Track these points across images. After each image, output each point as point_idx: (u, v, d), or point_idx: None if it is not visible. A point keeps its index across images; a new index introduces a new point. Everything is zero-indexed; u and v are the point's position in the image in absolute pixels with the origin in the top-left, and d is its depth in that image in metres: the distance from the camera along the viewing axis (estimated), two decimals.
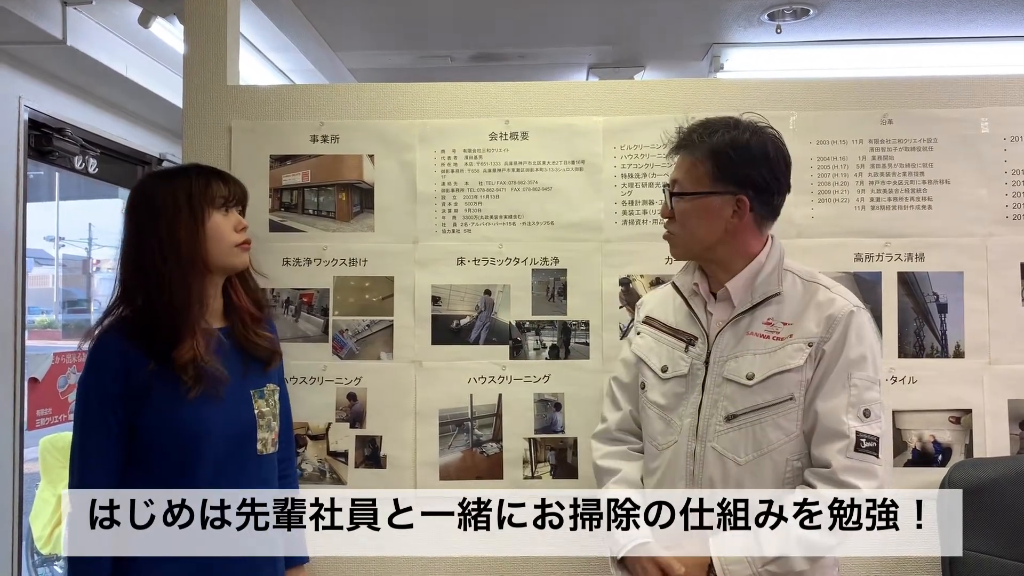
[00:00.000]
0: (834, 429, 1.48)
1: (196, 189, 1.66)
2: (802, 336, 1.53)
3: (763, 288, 1.57)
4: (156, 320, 1.60)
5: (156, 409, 1.58)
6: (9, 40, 2.70)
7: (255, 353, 1.74)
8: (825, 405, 1.50)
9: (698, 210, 1.57)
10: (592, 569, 2.08)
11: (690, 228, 1.59)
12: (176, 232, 1.62)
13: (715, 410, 1.57)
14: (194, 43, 2.17)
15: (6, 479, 2.84)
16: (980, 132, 2.09)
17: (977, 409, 2.05)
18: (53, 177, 5.54)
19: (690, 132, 1.59)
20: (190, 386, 1.57)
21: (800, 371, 1.52)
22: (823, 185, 2.10)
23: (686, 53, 3.60)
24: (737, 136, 1.54)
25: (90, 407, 1.60)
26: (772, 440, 1.52)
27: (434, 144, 2.15)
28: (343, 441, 2.11)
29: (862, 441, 1.47)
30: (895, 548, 2.03)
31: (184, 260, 1.62)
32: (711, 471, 1.56)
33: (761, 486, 1.52)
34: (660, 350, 1.68)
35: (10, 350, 2.85)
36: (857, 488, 1.45)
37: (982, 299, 2.07)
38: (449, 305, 2.13)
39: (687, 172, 1.58)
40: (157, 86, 3.28)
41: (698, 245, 1.60)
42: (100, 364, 1.60)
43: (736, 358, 1.56)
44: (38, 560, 4.32)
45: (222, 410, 1.63)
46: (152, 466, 1.60)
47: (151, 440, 1.60)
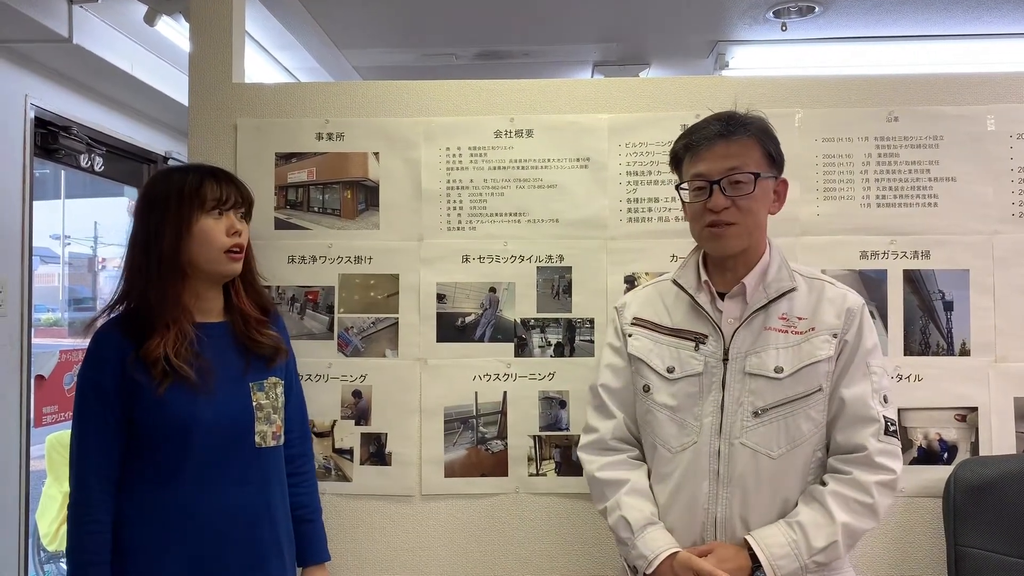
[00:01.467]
0: (864, 415, 1.54)
1: (188, 189, 1.66)
2: (825, 328, 1.57)
3: (776, 284, 1.59)
4: (136, 316, 1.64)
5: (144, 401, 1.61)
6: (15, 38, 2.71)
7: (257, 350, 1.74)
8: (851, 392, 1.55)
9: (763, 193, 1.57)
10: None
11: (753, 214, 1.55)
12: (161, 230, 1.64)
13: (739, 406, 1.56)
14: (200, 41, 2.18)
15: (13, 476, 2.86)
16: (986, 129, 2.09)
17: (983, 407, 2.05)
18: (59, 175, 5.55)
19: (734, 116, 1.57)
20: (158, 381, 1.59)
21: (829, 362, 1.56)
22: (828, 183, 2.10)
23: (691, 51, 3.60)
24: (765, 123, 1.59)
25: (87, 401, 1.63)
26: (804, 432, 1.55)
27: (439, 142, 2.15)
28: (348, 438, 2.11)
29: (889, 424, 1.54)
30: (901, 545, 2.04)
31: (163, 259, 1.64)
32: (741, 468, 1.55)
33: (792, 478, 1.55)
34: (661, 351, 1.65)
35: (17, 348, 2.86)
36: (892, 471, 1.51)
37: (988, 297, 2.06)
38: (454, 303, 2.13)
39: (746, 155, 1.54)
40: (163, 84, 3.28)
41: (756, 232, 1.59)
42: (96, 358, 1.64)
43: (757, 353, 1.56)
44: (44, 557, 4.34)
45: (212, 402, 1.64)
46: (145, 458, 1.63)
47: (142, 432, 1.62)
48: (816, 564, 1.49)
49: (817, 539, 1.48)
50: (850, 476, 1.52)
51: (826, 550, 1.48)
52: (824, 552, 1.48)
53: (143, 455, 1.63)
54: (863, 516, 1.50)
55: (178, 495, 1.62)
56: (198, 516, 1.63)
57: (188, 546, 1.62)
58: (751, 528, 1.54)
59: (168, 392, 1.60)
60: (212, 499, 1.64)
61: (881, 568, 2.03)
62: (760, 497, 1.54)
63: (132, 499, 1.62)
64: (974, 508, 1.92)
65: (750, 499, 1.54)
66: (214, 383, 1.64)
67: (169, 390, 1.60)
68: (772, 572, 1.46)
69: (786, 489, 1.55)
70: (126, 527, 1.61)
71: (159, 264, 1.64)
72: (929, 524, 2.03)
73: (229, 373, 1.69)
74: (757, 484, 1.54)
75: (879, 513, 1.51)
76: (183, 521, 1.62)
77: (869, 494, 1.49)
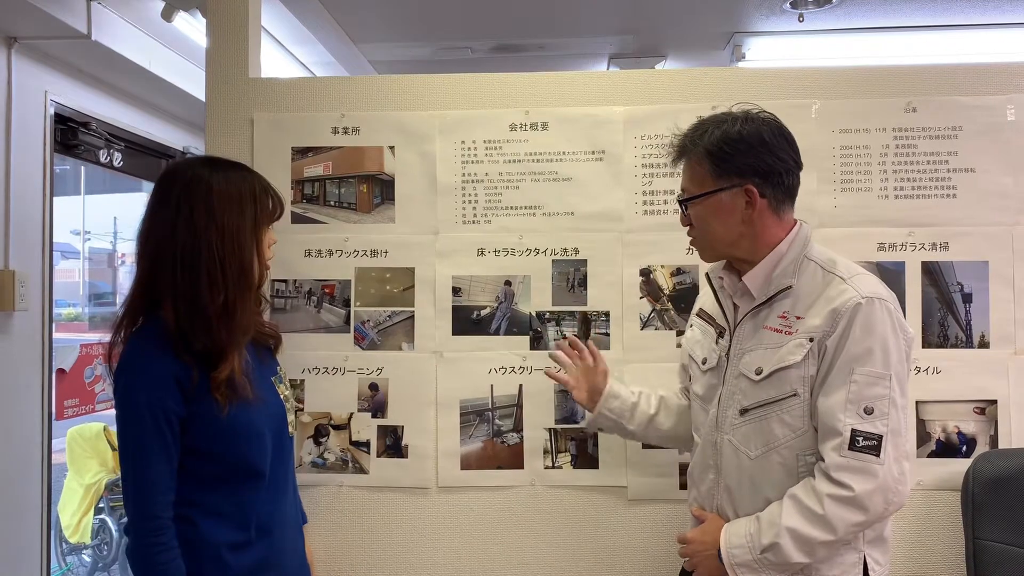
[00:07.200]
0: (829, 426, 1.45)
1: (260, 199, 1.58)
2: (805, 331, 1.50)
3: (779, 280, 1.56)
4: (207, 330, 1.49)
5: (204, 426, 1.50)
6: (35, 35, 2.73)
7: (262, 342, 1.73)
8: (826, 402, 1.46)
9: (710, 210, 1.57)
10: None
11: (709, 230, 1.59)
12: (242, 242, 1.53)
13: (731, 403, 1.59)
14: (216, 37, 2.19)
15: (35, 469, 2.89)
16: (1006, 120, 2.06)
17: (1002, 400, 2.03)
18: (79, 171, 5.61)
19: (683, 138, 1.61)
20: (222, 404, 1.49)
21: (800, 367, 1.49)
22: (846, 174, 2.08)
23: (707, 42, 3.58)
24: (728, 129, 1.54)
25: (144, 427, 1.46)
26: (778, 436, 1.52)
27: (454, 135, 2.15)
28: (365, 431, 2.13)
29: (858, 439, 1.42)
30: (919, 537, 2.03)
31: (244, 273, 1.54)
32: (727, 464, 1.59)
33: (770, 480, 1.53)
34: (704, 342, 1.72)
35: (38, 342, 2.90)
36: (848, 488, 1.41)
37: (1008, 288, 2.04)
38: (470, 296, 2.14)
39: (691, 177, 1.60)
40: (180, 79, 3.30)
41: (721, 244, 1.60)
42: (150, 378, 1.47)
43: (751, 352, 1.57)
44: (66, 548, 4.40)
45: (263, 409, 1.58)
46: (217, 478, 1.54)
47: (209, 456, 1.52)
48: (769, 562, 1.45)
49: (765, 536, 1.46)
50: (811, 483, 1.46)
51: (771, 549, 1.44)
52: (771, 551, 1.44)
53: (210, 478, 1.53)
54: (814, 525, 1.42)
55: (255, 503, 1.57)
56: (272, 516, 1.59)
57: (263, 548, 1.57)
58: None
59: (232, 412, 1.51)
60: (277, 498, 1.62)
61: (899, 560, 2.02)
62: (743, 493, 1.56)
63: (205, 507, 1.52)
64: (993, 501, 1.90)
65: (735, 494, 1.58)
66: (254, 387, 1.57)
67: (231, 409, 1.51)
68: (728, 559, 1.49)
69: (766, 490, 1.53)
70: (202, 535, 1.51)
71: (241, 274, 1.53)
72: (947, 517, 2.02)
73: (258, 373, 1.63)
74: (739, 481, 1.57)
75: (834, 526, 1.41)
76: (260, 525, 1.57)
77: (820, 505, 1.42)
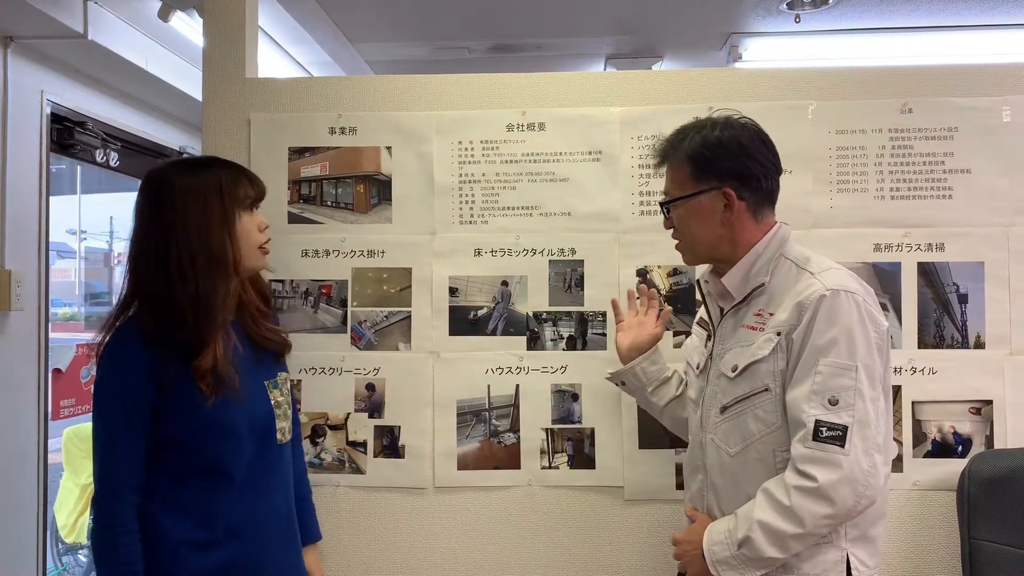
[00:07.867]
0: (795, 418, 1.46)
1: (227, 188, 1.60)
2: (774, 326, 1.52)
3: (754, 279, 1.59)
4: (181, 323, 1.53)
5: (181, 417, 1.54)
6: (31, 35, 2.73)
7: (266, 346, 1.73)
8: (792, 394, 1.48)
9: (690, 213, 1.62)
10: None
11: (690, 232, 1.64)
12: (208, 232, 1.56)
13: (713, 402, 1.62)
14: (213, 36, 2.19)
15: (31, 469, 2.89)
16: (1002, 121, 2.07)
17: (998, 400, 2.03)
18: (75, 171, 5.59)
19: (665, 144, 1.66)
20: (207, 394, 1.52)
21: (769, 361, 1.51)
22: (842, 175, 2.09)
23: (704, 43, 3.58)
24: (707, 135, 1.59)
25: (114, 413, 1.53)
26: (754, 431, 1.54)
27: (451, 135, 2.15)
28: (362, 431, 2.13)
29: (821, 430, 1.42)
30: (915, 537, 2.03)
31: (215, 262, 1.56)
32: (712, 462, 1.62)
33: (751, 476, 1.53)
34: (700, 347, 1.76)
35: (34, 342, 2.89)
36: (812, 479, 1.41)
37: (1003, 289, 2.05)
38: (466, 296, 2.14)
39: (672, 180, 1.65)
40: (177, 79, 3.30)
41: (702, 247, 1.64)
42: (123, 368, 1.54)
43: (730, 351, 1.61)
44: (62, 549, 4.38)
45: (245, 409, 1.60)
46: (185, 473, 1.56)
47: (180, 448, 1.55)
48: (745, 557, 1.45)
49: (740, 531, 1.46)
50: (782, 476, 1.47)
51: (745, 544, 1.44)
52: (746, 546, 1.44)
53: (179, 469, 1.56)
54: (783, 518, 1.42)
55: (222, 503, 1.58)
56: (245, 520, 1.60)
57: (231, 551, 1.58)
58: None
59: (215, 404, 1.53)
60: (254, 503, 1.62)
61: (895, 561, 2.02)
62: (727, 491, 1.58)
63: (169, 502, 1.55)
64: (989, 501, 1.91)
65: (720, 493, 1.60)
66: (241, 387, 1.59)
67: (217, 400, 1.54)
68: (709, 556, 1.49)
69: (747, 487, 1.53)
70: (162, 530, 1.54)
71: (210, 269, 1.55)
72: (943, 517, 2.02)
73: (248, 372, 1.64)
74: (723, 479, 1.59)
75: (801, 519, 1.41)
76: (228, 527, 1.58)
77: (788, 496, 1.42)
